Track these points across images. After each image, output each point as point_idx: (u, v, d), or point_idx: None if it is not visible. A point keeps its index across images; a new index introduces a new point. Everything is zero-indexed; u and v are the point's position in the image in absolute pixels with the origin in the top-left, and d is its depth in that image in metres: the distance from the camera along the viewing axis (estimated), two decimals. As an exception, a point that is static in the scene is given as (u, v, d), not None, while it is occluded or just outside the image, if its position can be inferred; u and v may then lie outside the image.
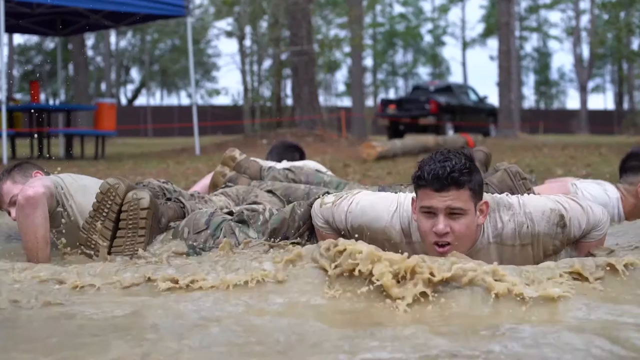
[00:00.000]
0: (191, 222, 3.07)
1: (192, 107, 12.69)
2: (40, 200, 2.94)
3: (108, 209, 2.99)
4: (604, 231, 2.71)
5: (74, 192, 3.15)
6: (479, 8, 60.88)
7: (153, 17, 13.76)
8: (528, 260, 2.59)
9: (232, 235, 2.98)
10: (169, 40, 39.93)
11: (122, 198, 2.99)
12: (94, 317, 2.12)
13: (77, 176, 3.30)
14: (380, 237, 2.65)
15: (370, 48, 40.45)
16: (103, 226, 2.99)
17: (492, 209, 2.60)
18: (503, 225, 2.57)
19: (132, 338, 1.91)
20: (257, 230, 3.01)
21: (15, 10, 11.56)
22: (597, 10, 30.21)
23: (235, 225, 3.02)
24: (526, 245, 2.59)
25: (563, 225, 2.60)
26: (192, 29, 12.36)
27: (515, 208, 2.60)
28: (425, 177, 2.42)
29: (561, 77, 49.17)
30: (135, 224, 2.98)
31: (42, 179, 3.09)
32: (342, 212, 2.74)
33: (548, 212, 2.60)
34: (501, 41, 20.43)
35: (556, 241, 2.62)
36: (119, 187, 3.00)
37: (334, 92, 42.65)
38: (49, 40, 35.98)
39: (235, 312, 2.13)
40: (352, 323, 2.04)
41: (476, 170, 2.48)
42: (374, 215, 2.67)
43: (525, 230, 2.57)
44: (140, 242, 2.97)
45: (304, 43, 15.15)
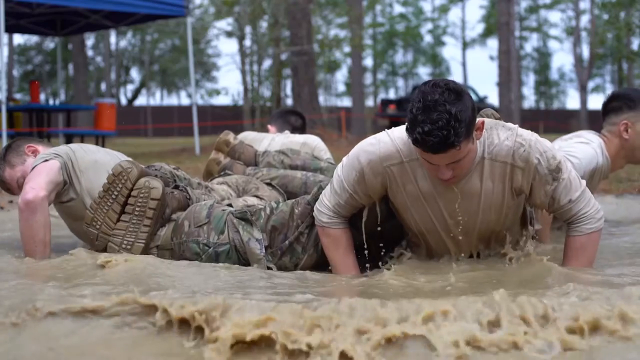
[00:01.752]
0: (191, 215, 3.03)
1: (192, 107, 12.68)
2: (40, 204, 2.91)
3: (118, 192, 2.94)
4: (594, 226, 2.66)
5: (85, 168, 3.12)
6: (479, 8, 60.89)
7: (153, 17, 13.75)
8: (516, 185, 2.59)
9: (237, 234, 2.94)
10: (169, 40, 39.90)
11: (133, 183, 2.94)
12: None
13: (88, 148, 3.24)
14: (382, 171, 2.64)
15: (370, 48, 40.42)
16: (110, 208, 2.94)
17: (490, 126, 2.59)
18: (499, 141, 2.56)
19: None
20: (260, 227, 2.98)
21: (15, 10, 11.56)
22: (597, 10, 30.19)
23: (239, 222, 2.98)
24: (517, 168, 2.57)
25: (556, 178, 2.58)
26: (192, 29, 12.35)
27: (516, 131, 2.59)
28: (420, 141, 2.37)
29: (561, 77, 49.18)
30: (142, 212, 2.93)
31: (43, 171, 3.02)
32: (339, 177, 2.74)
33: (550, 154, 2.59)
34: (501, 41, 20.44)
35: (547, 187, 2.59)
36: (132, 171, 2.95)
37: (334, 92, 42.64)
38: (49, 40, 35.96)
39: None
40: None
41: (465, 107, 2.37)
42: (365, 151, 2.67)
43: (522, 152, 2.56)
44: (143, 232, 2.93)
45: (304, 43, 15.14)
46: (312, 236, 2.95)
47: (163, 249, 3.01)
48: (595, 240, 2.70)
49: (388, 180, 2.66)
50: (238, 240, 2.94)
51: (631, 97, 3.41)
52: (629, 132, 3.40)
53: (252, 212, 3.03)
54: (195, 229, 2.97)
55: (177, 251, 2.99)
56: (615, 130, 3.43)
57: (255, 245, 2.93)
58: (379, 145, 2.65)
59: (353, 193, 2.73)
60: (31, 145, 3.26)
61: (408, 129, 2.41)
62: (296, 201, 3.04)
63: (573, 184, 2.62)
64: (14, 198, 6.02)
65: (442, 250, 2.84)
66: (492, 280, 2.55)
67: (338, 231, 2.82)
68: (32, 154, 3.25)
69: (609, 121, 3.47)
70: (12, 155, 3.25)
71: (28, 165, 3.21)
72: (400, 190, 2.67)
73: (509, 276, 2.59)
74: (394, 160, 2.63)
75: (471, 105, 2.41)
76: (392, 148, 2.63)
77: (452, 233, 2.73)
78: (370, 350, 1.71)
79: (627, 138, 3.41)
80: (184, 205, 3.16)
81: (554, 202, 2.63)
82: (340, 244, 2.82)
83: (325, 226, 2.82)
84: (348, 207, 2.78)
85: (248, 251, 2.92)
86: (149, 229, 2.94)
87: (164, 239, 3.02)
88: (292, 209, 3.00)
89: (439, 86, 2.37)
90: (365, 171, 2.67)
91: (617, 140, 3.44)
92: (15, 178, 3.23)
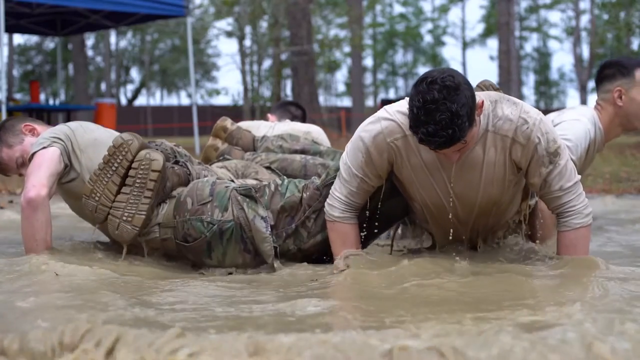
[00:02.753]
0: (194, 192, 2.99)
1: (192, 107, 12.68)
2: (42, 203, 2.89)
3: (118, 164, 2.91)
4: (583, 221, 2.67)
5: (85, 147, 3.09)
6: (479, 8, 60.88)
7: (153, 17, 13.75)
8: (515, 158, 2.60)
9: (241, 211, 2.92)
10: (169, 40, 39.92)
11: (134, 155, 2.91)
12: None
13: (88, 126, 3.21)
14: (387, 147, 2.65)
15: (370, 48, 40.43)
16: (110, 180, 2.91)
17: (495, 99, 2.60)
18: (503, 115, 2.57)
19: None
20: (265, 205, 2.95)
21: (15, 10, 11.56)
22: (597, 10, 30.21)
23: (243, 199, 2.95)
24: (517, 144, 2.58)
25: (552, 161, 2.60)
26: (192, 29, 12.35)
27: (522, 107, 2.60)
28: (425, 141, 2.41)
29: (561, 77, 49.22)
30: (143, 184, 2.89)
31: (44, 163, 2.97)
32: (345, 165, 2.74)
33: (551, 137, 2.60)
34: (501, 41, 20.45)
35: (543, 168, 2.61)
36: (132, 143, 2.91)
37: (334, 92, 42.66)
38: (49, 40, 35.96)
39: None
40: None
41: (464, 100, 2.37)
42: (367, 131, 2.68)
43: (525, 129, 2.57)
44: (144, 203, 2.89)
45: (304, 43, 15.15)
46: (318, 221, 2.93)
47: (165, 226, 2.98)
48: (586, 235, 2.71)
49: (394, 155, 2.66)
50: (243, 218, 2.91)
51: (624, 64, 3.39)
52: (622, 98, 3.37)
53: (257, 188, 3.01)
54: (199, 207, 2.94)
55: (180, 229, 2.96)
56: (609, 97, 3.41)
57: (261, 223, 2.91)
58: (380, 122, 2.66)
59: (363, 177, 2.72)
60: (28, 124, 3.22)
61: (412, 128, 2.43)
62: (306, 185, 3.00)
63: (567, 172, 2.64)
64: (14, 198, 6.02)
65: (445, 230, 2.84)
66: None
67: (348, 227, 2.80)
68: (29, 133, 3.21)
69: (603, 89, 3.44)
70: (8, 135, 3.20)
71: (27, 144, 3.18)
72: (405, 164, 2.68)
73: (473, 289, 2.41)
74: (397, 135, 2.64)
75: (470, 93, 2.41)
76: (394, 123, 2.64)
77: (456, 208, 2.74)
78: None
79: (621, 105, 3.38)
80: (184, 181, 3.13)
81: (545, 185, 2.64)
82: (347, 240, 2.82)
83: (337, 221, 2.80)
84: (361, 194, 2.77)
85: (253, 229, 2.90)
86: (150, 200, 2.90)
87: (166, 216, 2.98)
88: (302, 193, 2.98)
89: (436, 83, 2.36)
90: (370, 151, 2.67)
91: (611, 108, 3.41)
92: (14, 158, 3.20)
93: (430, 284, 2.43)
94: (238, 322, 1.97)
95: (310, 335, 1.62)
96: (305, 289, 2.50)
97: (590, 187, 6.33)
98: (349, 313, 2.09)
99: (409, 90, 2.47)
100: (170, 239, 2.97)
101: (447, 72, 2.41)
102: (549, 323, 1.82)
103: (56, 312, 2.06)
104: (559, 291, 2.33)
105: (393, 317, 1.98)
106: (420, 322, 1.86)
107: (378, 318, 1.99)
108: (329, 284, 2.56)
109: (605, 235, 3.94)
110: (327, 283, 2.57)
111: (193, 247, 2.94)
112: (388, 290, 2.40)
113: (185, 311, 2.13)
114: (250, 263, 2.96)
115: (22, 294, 2.30)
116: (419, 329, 1.74)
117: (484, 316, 1.95)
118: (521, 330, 1.63)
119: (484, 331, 1.63)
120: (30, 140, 3.18)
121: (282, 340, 1.58)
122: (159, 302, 2.28)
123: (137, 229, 2.90)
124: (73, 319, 1.87)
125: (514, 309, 2.03)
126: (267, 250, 2.90)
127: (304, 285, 2.57)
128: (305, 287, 2.52)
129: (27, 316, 2.01)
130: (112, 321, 1.87)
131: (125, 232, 2.90)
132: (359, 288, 2.48)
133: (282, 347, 1.56)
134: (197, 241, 2.92)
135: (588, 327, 1.66)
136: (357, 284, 2.52)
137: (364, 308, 2.15)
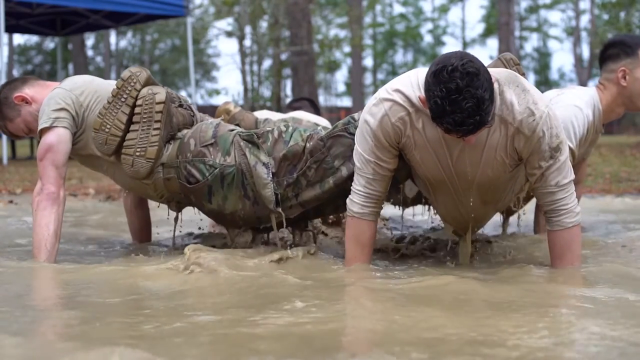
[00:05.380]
0: (197, 133, 3.02)
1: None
2: (61, 196, 2.97)
3: (127, 95, 2.94)
4: (574, 220, 2.66)
5: (87, 103, 3.09)
6: (479, 8, 60.89)
7: (153, 17, 13.76)
8: (517, 147, 2.58)
9: (243, 157, 2.93)
10: (169, 40, 39.91)
11: (143, 85, 2.95)
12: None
13: (83, 80, 3.20)
14: (393, 128, 2.63)
15: (370, 48, 40.44)
16: (120, 110, 2.94)
17: (504, 82, 2.56)
18: (511, 103, 2.54)
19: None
20: (267, 151, 2.95)
21: (15, 10, 11.57)
22: (597, 10, 30.19)
23: (245, 145, 2.96)
24: (521, 134, 2.56)
25: (553, 156, 2.58)
26: (192, 29, 12.35)
27: (531, 96, 2.56)
28: (453, 131, 2.36)
29: (561, 77, 49.16)
30: (150, 117, 2.92)
31: (57, 151, 2.98)
32: (357, 153, 2.73)
33: (555, 132, 2.57)
34: (501, 41, 20.45)
35: (543, 162, 2.59)
36: (141, 74, 2.96)
37: (334, 92, 42.66)
38: (49, 40, 35.97)
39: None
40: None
41: (486, 83, 2.33)
42: (372, 114, 2.66)
43: (531, 121, 2.54)
44: (155, 135, 2.92)
45: (304, 43, 15.14)
46: (319, 172, 2.91)
47: (169, 166, 3.01)
48: (577, 234, 2.70)
49: (400, 133, 2.65)
50: (245, 164, 2.92)
51: (628, 44, 3.36)
52: (627, 79, 3.34)
53: (260, 134, 3.00)
54: (202, 149, 2.96)
55: (182, 169, 2.98)
56: (613, 77, 3.38)
57: (262, 169, 2.91)
58: (383, 104, 2.64)
59: (377, 160, 2.70)
60: (18, 94, 3.20)
61: (436, 119, 2.38)
62: (310, 135, 2.98)
63: (565, 169, 2.63)
64: (15, 198, 6.03)
65: (446, 205, 2.86)
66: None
67: (365, 225, 2.77)
68: (22, 102, 3.20)
69: (607, 69, 3.41)
70: (6, 110, 3.21)
71: (25, 113, 3.19)
72: (410, 142, 2.66)
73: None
74: (400, 114, 2.62)
75: (488, 76, 2.36)
76: (396, 103, 2.62)
77: (456, 184, 2.75)
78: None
79: (626, 85, 3.35)
80: (188, 122, 3.16)
81: (542, 178, 2.63)
82: (361, 239, 2.79)
83: (356, 217, 2.77)
84: (378, 180, 2.73)
85: (255, 175, 2.91)
86: (159, 132, 2.92)
87: (170, 157, 3.01)
88: (306, 142, 2.96)
89: (457, 71, 2.31)
90: (377, 134, 2.66)
91: (614, 88, 3.38)
92: (20, 129, 3.24)
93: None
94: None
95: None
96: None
97: (590, 187, 6.33)
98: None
99: (426, 77, 2.41)
100: (174, 178, 3.01)
101: (465, 57, 2.36)
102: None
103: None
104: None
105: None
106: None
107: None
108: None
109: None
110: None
111: (195, 189, 2.98)
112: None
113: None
114: (249, 210, 2.98)
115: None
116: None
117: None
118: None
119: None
120: (26, 110, 3.20)
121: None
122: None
123: (152, 161, 2.94)
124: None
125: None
126: (268, 195, 2.91)
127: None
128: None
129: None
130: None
131: (141, 167, 2.94)
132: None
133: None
134: (199, 183, 2.95)
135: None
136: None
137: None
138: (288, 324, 1.93)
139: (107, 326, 1.94)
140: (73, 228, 4.33)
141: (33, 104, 3.19)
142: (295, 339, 1.78)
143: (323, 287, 2.45)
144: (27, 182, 7.48)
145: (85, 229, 4.32)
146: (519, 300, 2.20)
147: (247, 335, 1.83)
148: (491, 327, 1.87)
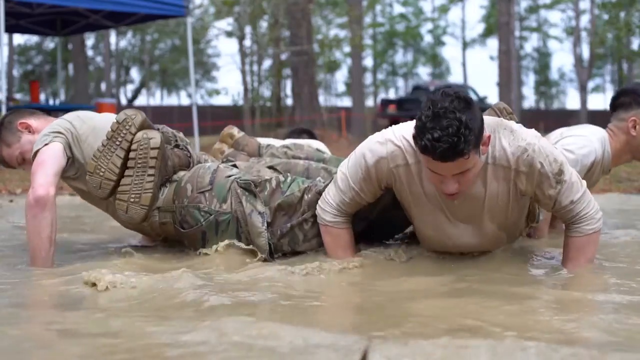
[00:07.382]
0: (194, 178, 3.01)
1: (192, 107, 12.68)
2: (50, 201, 2.90)
3: (122, 138, 2.91)
4: (594, 226, 2.66)
5: (85, 137, 3.09)
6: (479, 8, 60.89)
7: (153, 17, 13.75)
8: (521, 187, 2.58)
9: (239, 205, 2.92)
10: (169, 40, 39.88)
11: (138, 128, 2.91)
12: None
13: (85, 115, 3.21)
14: (388, 172, 2.64)
15: (370, 48, 40.42)
16: (114, 154, 2.90)
17: (492, 129, 2.55)
18: (502, 147, 2.54)
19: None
20: (264, 200, 2.95)
21: (15, 10, 11.56)
22: (597, 10, 30.18)
23: (242, 193, 2.95)
24: (521, 173, 2.56)
25: (559, 181, 2.57)
26: (192, 29, 12.35)
27: (519, 134, 2.56)
28: (428, 148, 2.32)
29: (561, 77, 49.14)
30: (144, 163, 2.89)
31: (48, 161, 2.97)
32: (344, 175, 2.74)
33: (552, 158, 2.56)
34: (501, 41, 20.45)
35: (551, 190, 2.58)
36: (136, 117, 2.92)
37: (334, 92, 42.66)
38: (49, 40, 35.95)
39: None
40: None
41: (474, 117, 2.35)
42: (372, 151, 2.66)
43: (525, 157, 2.54)
44: (149, 182, 2.89)
45: (304, 43, 15.15)
46: (316, 226, 2.91)
47: (165, 211, 3.00)
48: (596, 240, 2.70)
49: (393, 179, 2.66)
50: (241, 212, 2.92)
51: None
52: (637, 128, 3.38)
53: (257, 183, 3.00)
54: (198, 195, 2.95)
55: (178, 215, 2.98)
56: (624, 126, 3.41)
57: (257, 218, 2.91)
58: (387, 146, 2.64)
59: (359, 191, 2.73)
60: (23, 121, 3.22)
61: (416, 137, 2.37)
62: (308, 187, 2.98)
63: (575, 185, 2.62)
64: (15, 198, 6.02)
65: (444, 239, 2.83)
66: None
67: (340, 231, 2.81)
68: (25, 130, 3.22)
69: (618, 117, 3.44)
70: (6, 134, 3.22)
71: (24, 141, 3.19)
72: (404, 190, 2.68)
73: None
74: (400, 162, 2.63)
75: (480, 117, 2.39)
76: (399, 150, 2.62)
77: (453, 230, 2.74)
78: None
79: (635, 135, 3.39)
80: (185, 163, 3.15)
81: (556, 203, 2.62)
82: (340, 243, 2.82)
83: (329, 225, 2.82)
84: (352, 205, 2.78)
85: (249, 224, 2.90)
86: (154, 178, 2.90)
87: (166, 201, 3.00)
88: (303, 194, 2.96)
89: (449, 94, 2.34)
90: (371, 171, 2.67)
91: (624, 136, 3.41)
92: (14, 156, 3.23)
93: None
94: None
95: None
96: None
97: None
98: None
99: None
100: (170, 223, 3.00)
101: (463, 91, 2.40)
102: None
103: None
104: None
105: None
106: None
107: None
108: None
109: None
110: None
111: (188, 234, 2.97)
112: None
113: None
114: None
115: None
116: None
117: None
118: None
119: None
120: (27, 138, 3.20)
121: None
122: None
123: (146, 208, 2.91)
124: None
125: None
126: (262, 244, 2.90)
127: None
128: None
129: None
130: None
131: (135, 213, 2.91)
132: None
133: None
134: (192, 229, 2.94)
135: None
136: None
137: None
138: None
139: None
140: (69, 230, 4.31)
141: (35, 133, 3.19)
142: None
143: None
144: (27, 182, 7.48)
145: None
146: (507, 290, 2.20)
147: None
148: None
